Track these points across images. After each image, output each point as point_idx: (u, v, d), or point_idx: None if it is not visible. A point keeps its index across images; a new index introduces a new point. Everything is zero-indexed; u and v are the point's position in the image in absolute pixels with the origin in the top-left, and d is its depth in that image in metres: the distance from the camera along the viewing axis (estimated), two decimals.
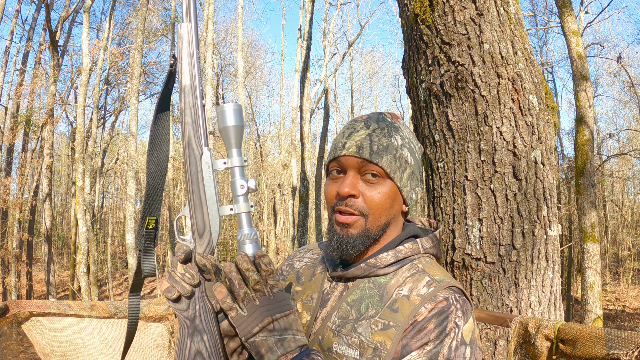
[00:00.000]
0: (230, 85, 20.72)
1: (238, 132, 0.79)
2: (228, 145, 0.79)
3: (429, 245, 0.90)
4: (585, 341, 1.36)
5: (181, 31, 0.84)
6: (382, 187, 0.85)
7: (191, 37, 0.83)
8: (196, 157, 0.80)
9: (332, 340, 0.83)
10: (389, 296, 0.83)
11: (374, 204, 0.84)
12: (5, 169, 13.17)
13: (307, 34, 11.83)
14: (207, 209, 0.79)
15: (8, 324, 2.09)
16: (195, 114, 0.80)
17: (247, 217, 0.78)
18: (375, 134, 0.86)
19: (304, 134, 11.75)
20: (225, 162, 0.80)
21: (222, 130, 0.79)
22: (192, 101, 0.81)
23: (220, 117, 0.79)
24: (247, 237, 0.77)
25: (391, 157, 0.85)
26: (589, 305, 5.41)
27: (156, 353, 2.57)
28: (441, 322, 0.77)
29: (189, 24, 0.84)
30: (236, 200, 0.78)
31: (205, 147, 0.80)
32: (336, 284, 0.90)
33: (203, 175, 0.79)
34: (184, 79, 0.82)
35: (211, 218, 0.79)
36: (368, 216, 0.85)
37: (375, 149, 0.84)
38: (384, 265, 0.85)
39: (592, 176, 5.50)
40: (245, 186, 0.78)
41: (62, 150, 20.48)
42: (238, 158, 0.79)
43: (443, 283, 0.82)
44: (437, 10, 1.88)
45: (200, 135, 0.80)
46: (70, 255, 14.87)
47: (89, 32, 10.53)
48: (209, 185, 0.79)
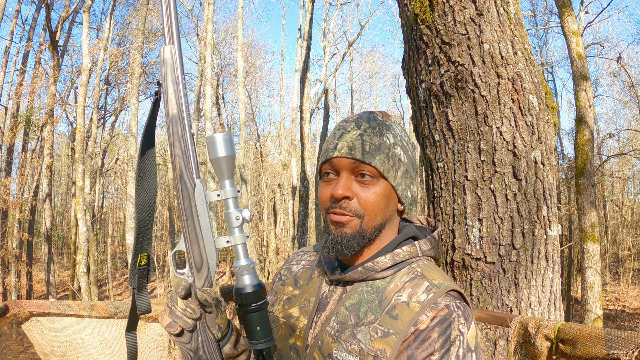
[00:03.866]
0: (230, 85, 20.72)
1: (230, 162, 0.77)
2: (220, 177, 0.77)
3: (427, 247, 0.89)
4: (585, 341, 1.36)
5: (164, 55, 0.79)
6: (376, 187, 0.84)
7: (175, 61, 0.79)
8: (189, 191, 0.78)
9: (331, 346, 0.83)
10: (388, 302, 0.82)
11: (368, 205, 0.84)
12: (5, 169, 13.17)
13: (307, 34, 11.83)
14: (203, 242, 0.78)
15: (8, 324, 2.09)
16: (185, 145, 0.78)
17: (243, 248, 0.78)
18: (367, 133, 0.84)
19: (304, 134, 11.76)
20: (218, 194, 0.78)
21: (213, 161, 0.77)
22: (180, 131, 0.78)
23: (211, 148, 0.76)
24: (245, 269, 0.77)
25: (384, 156, 0.84)
26: (589, 305, 5.41)
27: (156, 353, 2.57)
28: (444, 331, 0.76)
29: (172, 47, 0.79)
30: (231, 231, 0.77)
31: (197, 180, 0.78)
32: (335, 287, 0.90)
33: (197, 209, 0.78)
34: (171, 108, 0.78)
35: (208, 251, 0.78)
36: (363, 217, 0.84)
37: (368, 149, 0.83)
38: (382, 268, 0.85)
39: (592, 176, 5.50)
40: (240, 217, 0.77)
41: (62, 150, 20.48)
42: (231, 189, 0.77)
43: (442, 288, 0.81)
44: (437, 10, 1.88)
45: (192, 168, 0.78)
46: (70, 255, 14.86)
47: (89, 32, 10.53)
48: (203, 218, 0.78)
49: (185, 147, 0.78)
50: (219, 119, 18.81)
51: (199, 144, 17.34)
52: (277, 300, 0.99)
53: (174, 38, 0.79)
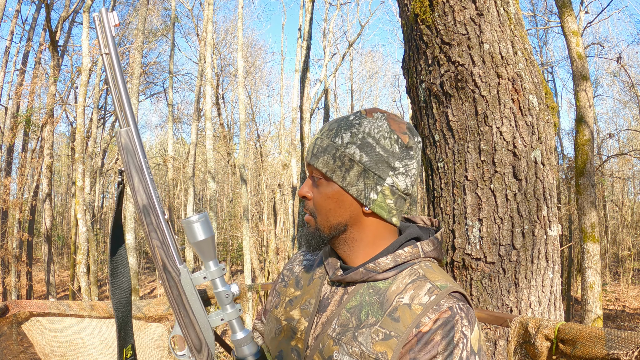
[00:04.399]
0: (230, 85, 20.72)
1: (209, 243, 0.77)
2: (203, 259, 0.77)
3: (430, 248, 0.88)
4: (585, 341, 1.36)
5: (121, 141, 0.75)
6: (324, 188, 0.86)
7: (135, 146, 0.75)
8: (175, 280, 0.77)
9: (332, 349, 0.82)
10: (389, 303, 0.81)
11: (317, 206, 0.87)
12: (5, 169, 13.18)
13: (307, 34, 11.83)
14: (198, 326, 0.78)
15: (8, 324, 2.09)
16: (162, 234, 0.76)
17: (237, 322, 0.79)
18: (322, 136, 0.87)
19: (304, 134, 11.76)
20: (205, 277, 0.78)
21: (194, 245, 0.76)
22: (155, 221, 0.76)
23: (189, 233, 0.75)
24: (243, 341, 0.79)
25: (329, 157, 0.84)
26: (589, 305, 5.41)
27: (156, 353, 2.57)
28: (447, 333, 0.76)
29: (128, 130, 0.75)
30: (224, 308, 0.78)
31: (180, 266, 0.77)
32: (336, 288, 0.89)
33: (187, 296, 0.77)
34: (140, 199, 0.75)
35: (204, 332, 0.79)
36: (316, 217, 0.87)
37: (315, 152, 0.86)
38: (383, 269, 0.84)
39: (592, 176, 5.50)
40: (230, 293, 0.78)
41: (62, 150, 20.49)
42: (216, 269, 0.77)
43: (445, 289, 0.81)
44: (437, 10, 1.88)
45: (173, 256, 0.77)
46: (70, 255, 14.87)
47: (89, 32, 10.53)
48: (194, 302, 0.78)
49: (163, 236, 0.76)
50: (219, 119, 18.82)
51: (198, 145, 17.33)
52: (280, 302, 0.99)
53: (129, 119, 0.75)
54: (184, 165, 17.49)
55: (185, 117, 20.77)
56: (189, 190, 14.64)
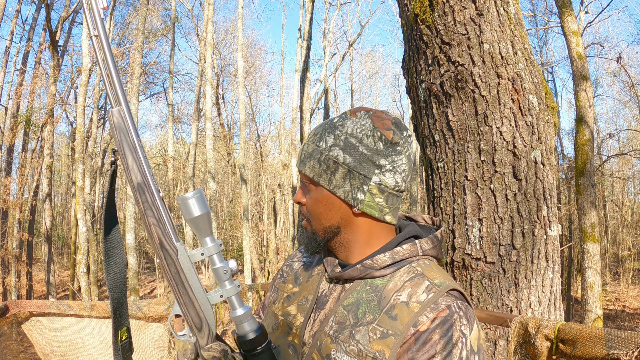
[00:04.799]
0: (230, 85, 20.72)
1: (205, 219, 0.77)
2: (200, 235, 0.77)
3: (428, 246, 0.87)
4: (585, 341, 1.36)
5: (114, 120, 0.75)
6: (314, 192, 0.87)
7: (128, 125, 0.75)
8: (173, 258, 0.77)
9: (330, 347, 0.82)
10: (387, 301, 0.81)
11: (309, 210, 0.88)
12: (5, 169, 13.17)
13: (307, 34, 11.83)
14: (197, 303, 0.78)
15: (8, 324, 2.09)
16: (157, 212, 0.76)
17: (237, 298, 0.79)
18: (308, 142, 0.88)
19: (304, 134, 11.76)
20: (202, 253, 0.78)
21: (190, 221, 0.76)
22: (150, 199, 0.75)
23: (185, 210, 0.76)
24: (243, 317, 0.79)
25: (314, 162, 0.85)
26: (589, 305, 5.41)
27: (156, 353, 2.57)
28: (446, 332, 0.75)
29: (120, 109, 0.75)
30: (222, 285, 0.78)
31: (177, 243, 0.77)
32: (334, 285, 0.89)
33: (185, 273, 0.77)
34: (135, 177, 0.75)
35: (204, 309, 0.79)
36: (311, 221, 0.89)
37: (302, 158, 0.88)
38: (381, 266, 0.84)
39: (592, 176, 5.50)
40: (228, 269, 0.78)
41: (62, 150, 20.49)
42: (213, 245, 0.77)
43: (443, 287, 0.80)
44: (437, 10, 1.88)
45: (169, 233, 0.76)
46: (70, 255, 14.87)
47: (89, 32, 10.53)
48: (192, 279, 0.78)
49: (159, 214, 0.76)
50: (219, 119, 18.82)
51: (198, 145, 17.33)
52: (278, 298, 0.99)
53: (121, 98, 0.75)
54: (184, 165, 17.48)
55: (185, 117, 20.77)
56: (189, 190, 14.63)
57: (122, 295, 0.85)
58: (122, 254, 0.86)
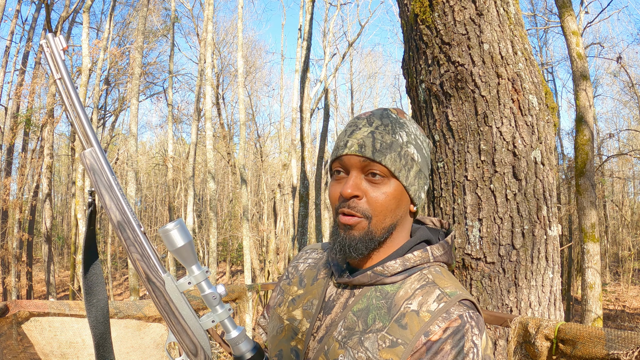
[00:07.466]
0: (230, 85, 20.72)
1: (189, 248, 0.76)
2: (185, 264, 0.77)
3: (440, 253, 0.86)
4: (585, 341, 1.36)
5: (87, 162, 0.76)
6: (386, 187, 0.81)
7: (101, 165, 0.76)
8: (161, 290, 0.77)
9: (338, 352, 0.81)
10: (397, 309, 0.80)
11: (377, 205, 0.81)
12: (5, 169, 13.18)
13: (307, 34, 11.83)
14: (190, 330, 0.79)
15: (8, 324, 2.09)
16: (141, 247, 0.76)
17: (229, 321, 0.79)
18: (379, 131, 0.81)
19: (304, 134, 11.76)
20: (189, 282, 0.78)
21: (174, 252, 0.76)
22: (132, 236, 0.76)
23: (167, 242, 0.76)
24: (238, 339, 0.79)
25: (395, 155, 0.80)
26: (589, 305, 5.42)
27: (156, 353, 2.57)
28: (458, 342, 0.74)
29: (92, 150, 0.76)
30: (214, 310, 0.78)
31: (164, 275, 0.77)
32: (342, 290, 0.87)
33: (174, 303, 0.78)
34: (114, 215, 0.76)
35: (198, 336, 0.79)
36: (371, 218, 0.81)
37: (379, 147, 0.80)
38: (391, 273, 0.82)
39: (592, 176, 5.50)
40: (217, 294, 0.78)
41: (62, 150, 20.49)
42: (200, 273, 0.77)
43: (454, 297, 0.79)
44: (437, 10, 1.88)
45: (155, 266, 0.77)
46: (70, 255, 14.86)
47: (89, 32, 10.53)
48: (182, 308, 0.78)
49: (142, 248, 0.76)
50: (219, 119, 18.82)
51: (198, 145, 17.33)
52: (283, 300, 0.98)
53: (91, 139, 0.75)
54: (184, 165, 17.48)
55: (185, 117, 20.77)
56: (189, 191, 14.63)
57: (106, 331, 0.85)
58: (104, 291, 0.86)
